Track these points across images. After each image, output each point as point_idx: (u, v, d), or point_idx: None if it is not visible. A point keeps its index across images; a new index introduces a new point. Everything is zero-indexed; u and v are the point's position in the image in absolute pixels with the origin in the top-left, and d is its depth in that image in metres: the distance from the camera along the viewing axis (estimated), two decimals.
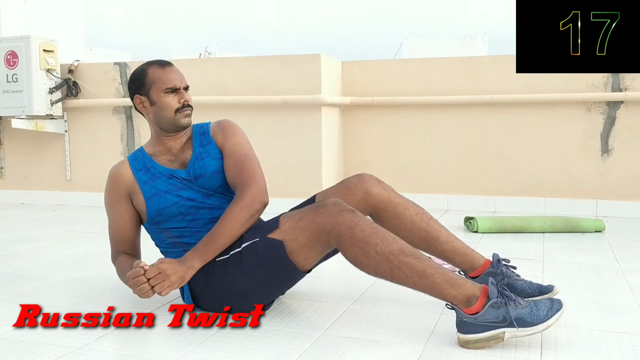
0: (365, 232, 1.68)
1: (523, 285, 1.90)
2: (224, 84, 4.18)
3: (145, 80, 1.94)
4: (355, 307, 2.03)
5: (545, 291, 1.87)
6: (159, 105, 1.94)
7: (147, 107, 1.96)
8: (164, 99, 1.93)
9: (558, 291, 1.89)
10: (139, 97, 1.96)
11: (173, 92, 1.94)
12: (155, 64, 1.97)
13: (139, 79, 1.96)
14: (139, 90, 1.96)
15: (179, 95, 1.95)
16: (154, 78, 1.94)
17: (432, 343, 1.70)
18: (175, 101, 1.94)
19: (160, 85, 1.93)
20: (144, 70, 1.96)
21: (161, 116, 1.95)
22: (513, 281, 1.90)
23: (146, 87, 1.94)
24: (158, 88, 1.93)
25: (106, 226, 2.07)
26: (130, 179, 1.98)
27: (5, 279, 2.48)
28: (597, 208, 3.88)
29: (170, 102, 1.94)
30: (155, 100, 1.94)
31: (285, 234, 1.77)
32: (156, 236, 2.04)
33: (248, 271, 1.81)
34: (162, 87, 1.93)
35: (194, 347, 1.69)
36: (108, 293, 2.22)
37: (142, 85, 1.95)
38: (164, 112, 1.94)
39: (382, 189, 2.01)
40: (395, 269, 1.66)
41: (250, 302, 1.89)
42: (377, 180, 2.04)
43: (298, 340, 1.73)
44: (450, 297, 1.64)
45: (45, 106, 4.35)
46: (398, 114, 4.24)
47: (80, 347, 1.70)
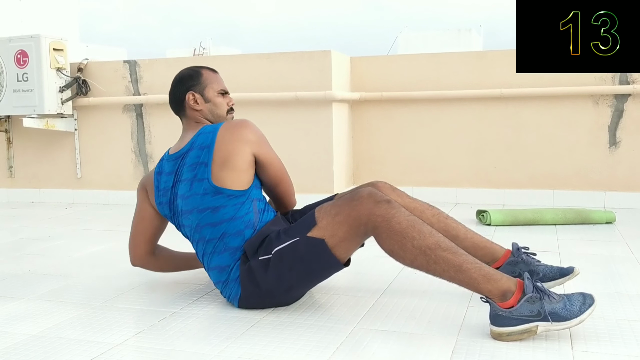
0: (402, 224, 1.73)
1: (544, 269, 1.98)
2: (235, 80, 4.20)
3: (201, 80, 2.11)
4: (383, 300, 2.08)
5: (566, 273, 1.95)
6: (213, 103, 2.11)
7: (201, 103, 2.10)
8: (217, 98, 2.12)
9: (579, 272, 1.97)
10: (193, 93, 2.09)
11: (223, 95, 2.14)
12: (206, 68, 2.15)
13: (194, 78, 2.11)
14: (194, 87, 2.10)
15: (227, 98, 2.16)
16: (209, 79, 2.12)
17: (464, 335, 1.74)
18: (225, 103, 2.14)
19: (215, 86, 2.12)
20: (198, 71, 2.13)
21: (215, 113, 2.12)
22: (534, 267, 1.98)
23: (201, 86, 2.10)
24: (213, 88, 2.11)
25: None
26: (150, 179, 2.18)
27: (31, 277, 2.51)
28: (605, 199, 3.93)
29: (223, 102, 2.13)
30: (209, 99, 2.10)
31: (324, 231, 1.83)
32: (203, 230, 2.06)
33: (291, 269, 1.87)
34: (217, 88, 2.12)
35: (232, 342, 1.73)
36: (138, 290, 2.26)
37: (197, 83, 2.10)
38: (218, 110, 2.12)
39: (397, 195, 2.09)
40: (432, 263, 1.71)
41: (292, 295, 1.98)
42: (392, 187, 2.12)
43: (332, 334, 1.77)
44: (486, 292, 1.68)
45: (55, 105, 4.37)
46: (407, 108, 4.28)
47: (120, 344, 1.73)
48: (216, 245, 1.96)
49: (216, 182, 1.92)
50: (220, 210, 1.93)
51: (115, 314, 2.00)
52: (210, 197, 1.92)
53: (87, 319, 1.95)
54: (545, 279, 1.96)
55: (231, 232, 1.94)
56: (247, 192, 1.96)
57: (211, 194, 1.92)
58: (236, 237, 1.94)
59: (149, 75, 4.42)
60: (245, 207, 1.95)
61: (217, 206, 1.93)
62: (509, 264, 2.01)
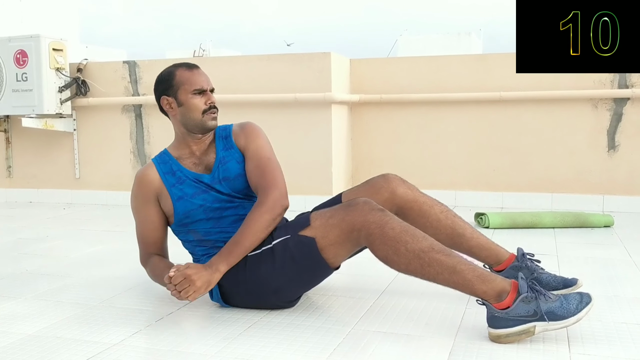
0: (395, 230, 1.73)
1: (548, 278, 1.95)
2: (235, 82, 4.21)
3: (173, 82, 1.98)
4: (381, 302, 2.07)
5: (569, 284, 1.93)
6: (186, 106, 1.97)
7: (175, 108, 1.99)
8: (192, 100, 1.97)
9: (582, 284, 1.94)
10: (167, 98, 1.99)
11: (200, 94, 1.98)
12: (182, 66, 2.00)
13: (167, 80, 1.99)
14: (167, 91, 1.99)
15: (206, 96, 1.99)
16: (182, 79, 1.97)
17: (461, 337, 1.74)
18: (202, 102, 1.97)
19: (188, 86, 1.96)
20: (171, 72, 2.00)
21: (188, 117, 1.98)
22: (538, 274, 1.96)
23: (174, 89, 1.98)
24: (186, 89, 1.96)
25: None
26: (158, 182, 2.01)
27: (29, 277, 2.50)
28: (604, 203, 3.93)
29: (198, 103, 1.97)
30: (182, 102, 1.97)
31: (316, 231, 1.82)
32: (183, 237, 2.07)
33: (280, 267, 1.85)
34: (190, 89, 1.96)
35: (229, 342, 1.72)
36: (135, 290, 2.26)
37: (169, 86, 1.98)
38: (191, 113, 1.97)
39: (407, 188, 2.06)
40: (426, 266, 1.70)
41: (280, 298, 1.94)
42: (402, 180, 2.09)
43: (330, 335, 1.77)
44: (481, 293, 1.68)
45: (55, 105, 4.37)
46: (406, 111, 4.28)
47: (117, 343, 1.73)
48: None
49: None
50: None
51: (112, 314, 1.99)
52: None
53: (84, 319, 1.95)
54: (547, 288, 1.91)
55: None
56: None
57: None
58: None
59: (149, 76, 4.42)
60: None
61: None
62: (512, 268, 1.99)
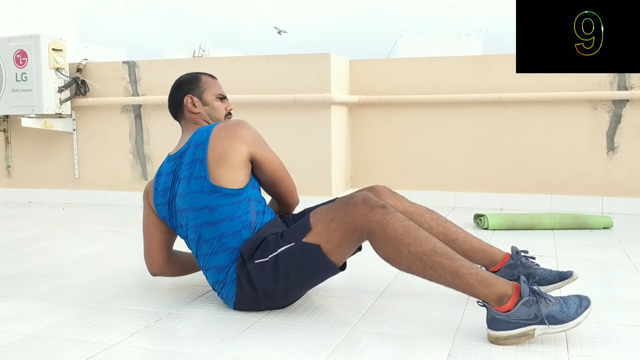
0: (397, 231, 1.73)
1: (543, 273, 1.99)
2: (235, 82, 4.20)
3: (200, 84, 2.15)
4: (380, 303, 2.07)
5: (565, 277, 1.97)
6: (212, 106, 2.15)
7: (199, 106, 2.14)
8: (216, 102, 2.16)
9: (577, 276, 1.99)
10: (192, 97, 2.13)
11: (221, 100, 2.19)
12: (205, 74, 2.21)
13: (193, 82, 2.16)
14: (193, 91, 2.14)
15: (225, 103, 2.20)
16: (208, 84, 2.17)
17: (459, 338, 1.74)
18: (223, 107, 2.18)
19: (213, 90, 2.17)
20: (197, 76, 2.18)
21: (213, 116, 2.16)
22: (533, 270, 2.00)
23: (200, 90, 2.14)
24: (212, 92, 2.16)
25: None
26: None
27: (27, 277, 2.50)
28: (603, 205, 3.94)
29: (221, 106, 2.18)
30: (208, 102, 2.15)
31: (319, 236, 1.83)
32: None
33: (287, 274, 1.87)
34: (215, 92, 2.17)
35: (228, 343, 1.72)
36: (134, 290, 2.26)
37: (196, 87, 2.15)
38: (216, 113, 2.16)
39: (397, 200, 2.10)
40: (428, 269, 1.71)
41: (289, 299, 1.99)
42: (391, 192, 2.13)
43: (328, 336, 1.77)
44: (483, 296, 1.68)
45: (54, 105, 4.37)
46: (406, 112, 4.28)
47: (116, 344, 1.73)
48: (214, 245, 1.95)
49: (213, 180, 1.91)
50: (218, 209, 1.92)
51: (111, 314, 1.99)
52: (207, 195, 1.92)
53: (82, 319, 1.95)
54: (543, 283, 1.97)
55: (229, 232, 1.93)
56: (243, 190, 1.95)
57: (208, 192, 1.92)
58: (234, 237, 1.93)
59: (148, 76, 4.42)
60: (242, 206, 1.94)
61: (214, 205, 1.92)
62: (507, 267, 2.03)
